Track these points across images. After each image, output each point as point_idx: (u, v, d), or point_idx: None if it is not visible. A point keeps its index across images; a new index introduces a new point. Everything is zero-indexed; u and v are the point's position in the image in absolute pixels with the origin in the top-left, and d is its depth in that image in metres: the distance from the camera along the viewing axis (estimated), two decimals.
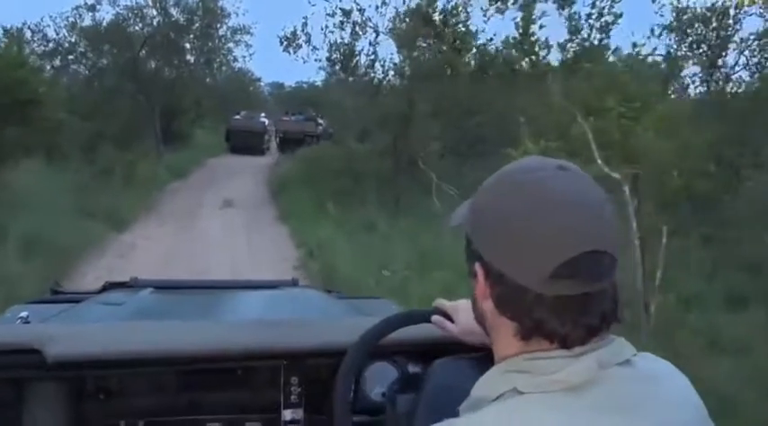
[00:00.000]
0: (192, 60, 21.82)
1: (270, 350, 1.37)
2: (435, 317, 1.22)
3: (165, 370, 1.35)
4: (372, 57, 13.64)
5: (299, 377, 1.37)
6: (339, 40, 13.80)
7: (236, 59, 23.93)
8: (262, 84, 41.83)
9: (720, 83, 12.80)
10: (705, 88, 12.98)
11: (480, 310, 0.86)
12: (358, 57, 13.74)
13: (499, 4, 12.34)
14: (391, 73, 13.59)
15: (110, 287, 2.31)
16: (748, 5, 11.73)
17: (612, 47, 12.53)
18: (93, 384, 1.33)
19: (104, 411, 1.34)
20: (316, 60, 14.17)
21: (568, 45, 12.58)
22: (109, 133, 15.01)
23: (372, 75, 13.77)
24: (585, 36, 12.54)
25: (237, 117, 25.64)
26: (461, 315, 1.16)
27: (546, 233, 0.75)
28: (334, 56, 14.10)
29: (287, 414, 1.36)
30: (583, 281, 0.75)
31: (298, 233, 10.49)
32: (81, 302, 2.09)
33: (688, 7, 12.46)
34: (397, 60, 13.55)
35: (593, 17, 12.40)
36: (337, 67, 14.29)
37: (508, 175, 0.83)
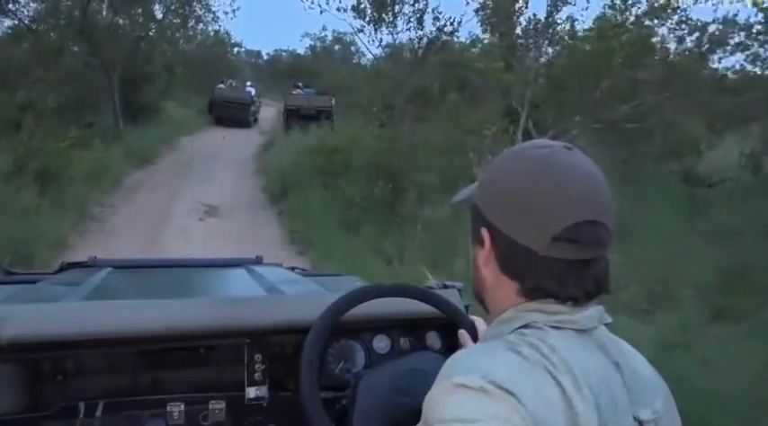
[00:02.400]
0: (161, 15, 17.04)
1: (233, 327, 1.32)
2: (461, 332, 1.22)
3: (125, 350, 1.29)
4: (421, 5, 9.11)
5: (262, 354, 1.33)
6: None
7: (217, 18, 19.28)
8: (242, 49, 36.87)
9: None
10: None
11: (481, 278, 0.91)
12: (400, 6, 9.18)
13: None
14: (449, 28, 9.05)
15: (67, 267, 2.18)
16: None
17: None
18: (50, 365, 1.26)
19: (63, 392, 1.26)
20: (338, 9, 9.62)
21: None
22: (41, 107, 10.25)
23: (419, 33, 9.24)
24: None
25: (221, 86, 22.40)
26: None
27: (552, 198, 0.82)
28: (363, 4, 9.56)
29: (251, 392, 1.32)
30: (582, 247, 0.82)
31: None
32: (37, 283, 1.91)
33: None
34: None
35: None
36: (366, 20, 9.73)
37: (517, 150, 0.90)
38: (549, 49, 7.66)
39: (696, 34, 8.86)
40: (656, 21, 7.71)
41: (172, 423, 1.29)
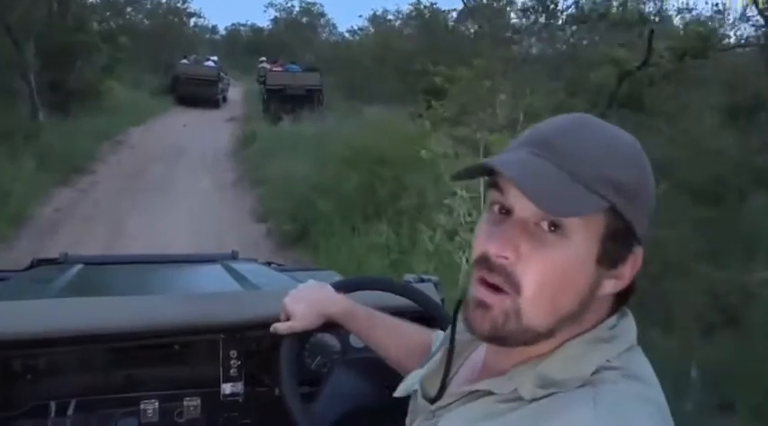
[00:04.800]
0: None
1: (207, 323, 1.28)
2: (274, 325, 1.12)
3: (97, 348, 1.23)
4: None
5: (237, 350, 1.30)
6: None
7: None
8: (201, 19, 31.99)
9: None
10: None
11: (586, 301, 0.68)
12: None
13: None
14: None
15: (37, 263, 2.04)
16: None
17: None
18: (20, 364, 1.20)
19: (33, 392, 1.21)
20: None
21: None
22: None
23: None
24: None
25: (185, 61, 19.66)
26: (296, 307, 1.11)
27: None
28: None
29: (226, 388, 1.29)
30: None
31: None
32: (6, 280, 1.82)
33: None
34: None
35: None
36: None
37: (635, 145, 0.70)
38: None
39: None
40: None
41: (145, 421, 1.24)
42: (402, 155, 6.10)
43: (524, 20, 9.60)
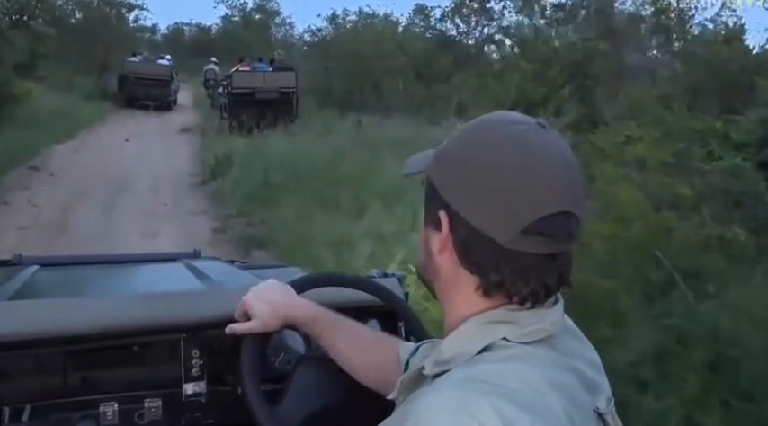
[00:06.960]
0: None
1: (167, 323, 1.22)
2: (231, 326, 1.07)
3: (53, 351, 1.16)
4: None
5: (199, 349, 1.23)
6: None
7: None
8: (147, 12, 28.27)
9: None
10: None
11: (433, 265, 0.76)
12: None
13: None
14: None
15: None
16: None
17: None
18: None
19: None
20: None
21: None
22: None
23: None
24: None
25: (134, 59, 17.99)
26: (258, 307, 1.04)
27: (526, 185, 0.68)
28: None
29: (188, 388, 1.22)
30: (551, 241, 0.69)
31: None
32: None
33: None
34: None
35: None
36: None
37: (488, 123, 0.74)
38: None
39: None
40: None
41: (105, 424, 1.17)
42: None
43: None
